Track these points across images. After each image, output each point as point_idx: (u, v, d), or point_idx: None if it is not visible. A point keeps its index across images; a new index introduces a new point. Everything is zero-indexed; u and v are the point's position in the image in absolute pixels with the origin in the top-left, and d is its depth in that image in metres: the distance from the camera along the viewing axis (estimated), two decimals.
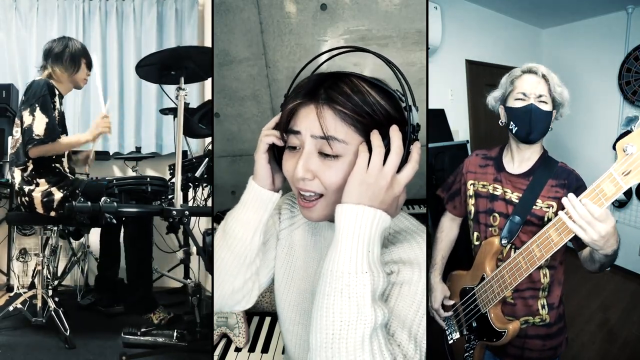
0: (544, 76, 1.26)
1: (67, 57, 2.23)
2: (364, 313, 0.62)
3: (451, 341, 1.44)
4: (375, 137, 0.69)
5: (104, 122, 2.25)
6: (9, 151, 2.20)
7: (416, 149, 0.71)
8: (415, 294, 0.72)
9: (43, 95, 2.10)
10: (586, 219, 0.99)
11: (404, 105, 0.73)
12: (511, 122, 1.29)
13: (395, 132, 0.69)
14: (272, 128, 0.81)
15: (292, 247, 0.95)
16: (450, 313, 1.44)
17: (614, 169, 0.96)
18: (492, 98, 1.37)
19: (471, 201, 1.41)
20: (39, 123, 2.06)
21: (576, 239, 1.07)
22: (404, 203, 0.76)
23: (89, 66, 2.34)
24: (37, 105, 2.07)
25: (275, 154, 0.82)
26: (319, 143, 0.72)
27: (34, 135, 2.05)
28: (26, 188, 2.10)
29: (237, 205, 0.85)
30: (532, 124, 1.24)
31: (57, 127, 2.14)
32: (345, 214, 0.66)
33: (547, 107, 1.25)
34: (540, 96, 1.25)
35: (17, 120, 2.18)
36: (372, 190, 0.67)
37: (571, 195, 1.02)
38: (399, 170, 0.69)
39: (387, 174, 0.68)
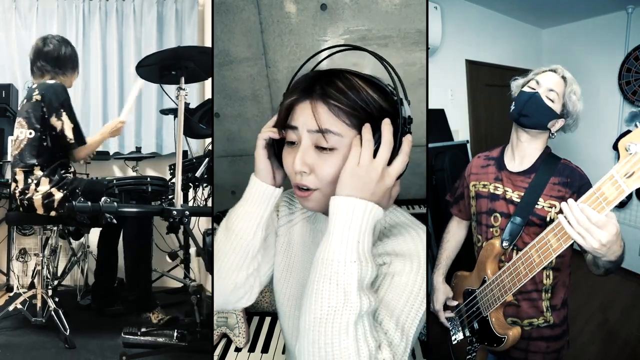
0: (563, 77, 1.26)
1: (68, 57, 2.25)
2: (350, 300, 0.65)
3: (455, 342, 1.43)
4: (366, 131, 0.72)
5: (117, 124, 2.36)
6: (13, 152, 2.19)
7: (407, 142, 0.74)
8: (406, 285, 0.74)
9: (66, 99, 2.16)
10: (584, 225, 0.93)
11: (395, 98, 0.75)
12: (512, 106, 1.29)
13: (386, 126, 0.72)
14: (272, 126, 0.83)
15: (291, 243, 0.97)
16: (452, 314, 1.43)
17: (616, 170, 0.89)
18: (515, 85, 1.36)
19: (473, 203, 1.40)
20: (68, 127, 2.15)
21: None
22: (401, 199, 0.77)
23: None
24: (62, 110, 2.13)
25: (276, 151, 0.84)
26: (315, 137, 0.75)
27: (68, 140, 2.15)
28: (27, 190, 2.09)
29: (239, 202, 0.87)
30: (527, 107, 1.24)
31: (81, 130, 2.24)
32: (337, 206, 0.69)
33: (552, 104, 1.24)
34: (550, 90, 1.24)
35: (21, 121, 2.16)
36: (363, 183, 0.69)
37: (570, 200, 0.96)
38: (391, 162, 0.72)
39: (377, 167, 0.70)
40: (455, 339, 1.42)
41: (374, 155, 0.71)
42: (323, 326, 0.65)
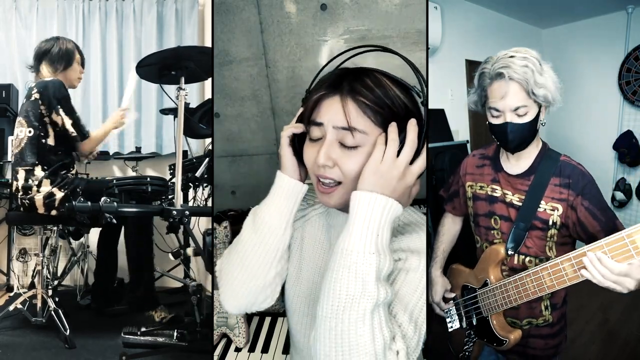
0: (512, 79, 1.10)
1: (59, 56, 2.25)
2: (367, 290, 0.68)
3: (451, 329, 1.43)
4: (392, 129, 0.74)
5: (119, 113, 2.36)
6: (13, 151, 2.19)
7: (426, 144, 0.77)
8: (420, 281, 0.77)
9: (63, 95, 2.16)
10: (611, 278, 0.92)
11: (420, 100, 0.78)
12: (492, 136, 1.21)
13: (411, 126, 0.74)
14: (296, 122, 0.86)
15: (303, 239, 0.97)
16: (450, 305, 1.42)
17: None
18: (472, 103, 1.27)
19: (470, 203, 1.38)
20: (67, 122, 2.15)
21: None
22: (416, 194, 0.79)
23: (82, 64, 2.37)
24: (59, 106, 2.13)
25: (297, 147, 0.85)
26: (340, 134, 0.77)
27: (70, 133, 2.15)
28: (29, 190, 2.09)
29: (266, 198, 0.87)
30: (511, 141, 1.16)
31: (82, 124, 2.24)
32: (359, 200, 0.71)
33: (527, 118, 1.13)
34: (516, 109, 1.12)
35: (21, 120, 2.16)
36: (385, 180, 0.72)
37: (591, 254, 0.94)
38: (412, 162, 0.74)
39: (400, 165, 0.72)
40: (452, 327, 1.42)
41: (398, 154, 0.73)
42: (340, 314, 0.67)
